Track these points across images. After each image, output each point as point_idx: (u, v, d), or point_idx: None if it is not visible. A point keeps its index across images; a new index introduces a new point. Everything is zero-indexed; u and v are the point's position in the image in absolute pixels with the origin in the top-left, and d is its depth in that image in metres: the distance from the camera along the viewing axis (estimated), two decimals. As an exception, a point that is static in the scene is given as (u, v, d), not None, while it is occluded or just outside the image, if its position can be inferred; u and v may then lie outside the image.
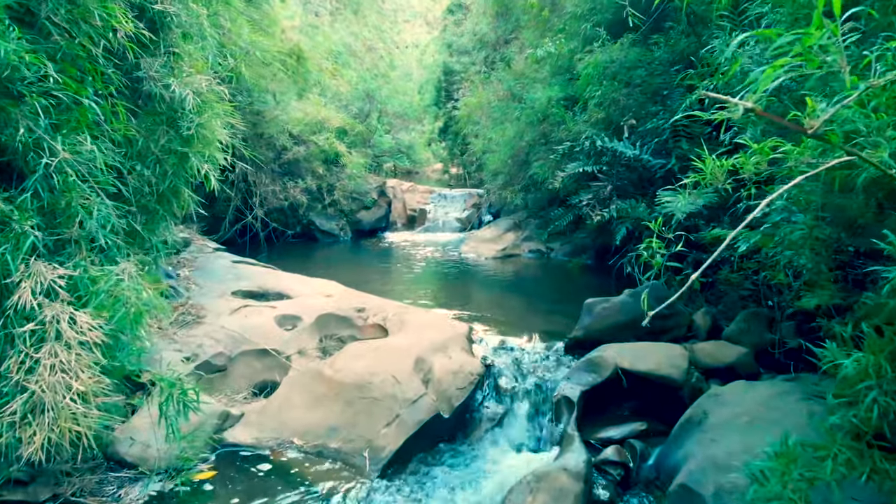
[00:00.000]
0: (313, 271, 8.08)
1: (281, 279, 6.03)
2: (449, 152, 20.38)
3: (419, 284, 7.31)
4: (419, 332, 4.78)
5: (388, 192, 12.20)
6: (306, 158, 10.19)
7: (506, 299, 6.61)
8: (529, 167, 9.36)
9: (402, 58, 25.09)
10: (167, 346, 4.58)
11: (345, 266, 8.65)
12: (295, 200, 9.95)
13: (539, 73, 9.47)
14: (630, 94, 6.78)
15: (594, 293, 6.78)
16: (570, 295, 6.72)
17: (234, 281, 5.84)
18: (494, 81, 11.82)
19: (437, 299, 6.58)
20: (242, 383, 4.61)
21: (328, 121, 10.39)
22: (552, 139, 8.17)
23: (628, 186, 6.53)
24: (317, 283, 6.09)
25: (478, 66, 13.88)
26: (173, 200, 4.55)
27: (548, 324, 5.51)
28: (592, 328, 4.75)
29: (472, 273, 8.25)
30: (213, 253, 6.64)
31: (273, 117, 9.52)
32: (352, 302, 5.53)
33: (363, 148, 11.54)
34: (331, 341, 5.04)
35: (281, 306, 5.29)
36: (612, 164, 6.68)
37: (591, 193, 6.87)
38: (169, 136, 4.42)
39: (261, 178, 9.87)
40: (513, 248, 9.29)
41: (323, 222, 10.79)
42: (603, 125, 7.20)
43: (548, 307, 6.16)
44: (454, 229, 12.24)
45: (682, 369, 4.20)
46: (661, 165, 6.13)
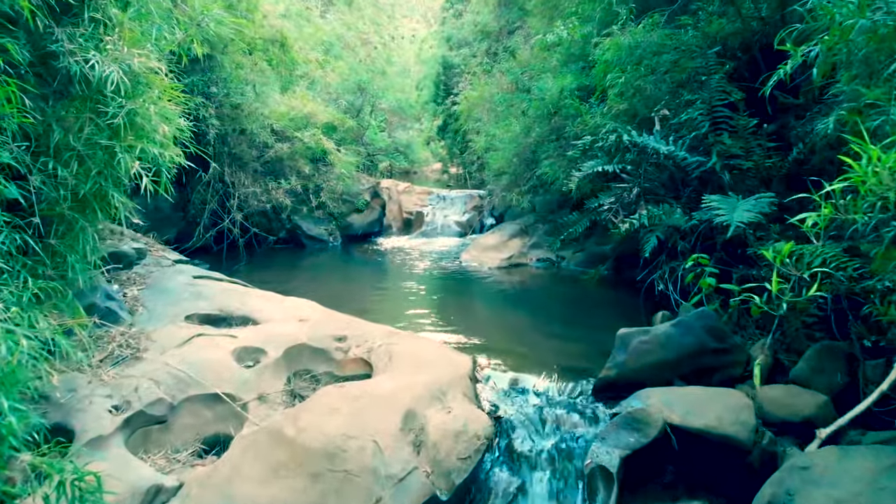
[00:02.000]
0: (295, 283, 7.14)
1: (248, 299, 5.07)
2: (448, 151, 19.44)
3: (414, 300, 6.35)
4: (411, 371, 3.83)
5: (382, 194, 11.24)
6: (290, 157, 9.24)
7: (514, 320, 5.65)
8: (537, 166, 8.42)
9: (400, 52, 24.15)
10: (93, 392, 3.62)
11: (331, 277, 7.69)
12: (278, 203, 8.99)
13: (548, 61, 8.52)
14: (659, 82, 5.83)
15: (618, 313, 5.84)
16: (589, 315, 5.76)
17: (191, 301, 4.87)
18: (497, 73, 10.87)
19: (434, 320, 5.62)
20: (188, 437, 3.65)
21: (315, 115, 9.44)
22: (565, 134, 7.23)
23: (658, 188, 5.59)
24: (291, 303, 5.13)
25: (479, 57, 12.93)
26: (97, 207, 3.60)
27: (567, 354, 4.55)
28: (628, 367, 3.79)
29: (474, 286, 7.30)
30: (171, 267, 5.67)
31: (252, 111, 8.56)
32: (330, 328, 4.57)
33: (355, 145, 10.58)
34: (302, 381, 4.08)
35: (243, 335, 4.33)
36: (638, 162, 5.73)
37: (612, 196, 5.91)
38: (94, 126, 3.49)
39: (240, 178, 8.91)
40: (519, 256, 8.34)
41: (310, 227, 9.83)
42: (626, 117, 6.25)
43: (565, 331, 5.20)
44: (453, 234, 11.28)
45: (748, 427, 3.25)
46: (700, 164, 5.18)
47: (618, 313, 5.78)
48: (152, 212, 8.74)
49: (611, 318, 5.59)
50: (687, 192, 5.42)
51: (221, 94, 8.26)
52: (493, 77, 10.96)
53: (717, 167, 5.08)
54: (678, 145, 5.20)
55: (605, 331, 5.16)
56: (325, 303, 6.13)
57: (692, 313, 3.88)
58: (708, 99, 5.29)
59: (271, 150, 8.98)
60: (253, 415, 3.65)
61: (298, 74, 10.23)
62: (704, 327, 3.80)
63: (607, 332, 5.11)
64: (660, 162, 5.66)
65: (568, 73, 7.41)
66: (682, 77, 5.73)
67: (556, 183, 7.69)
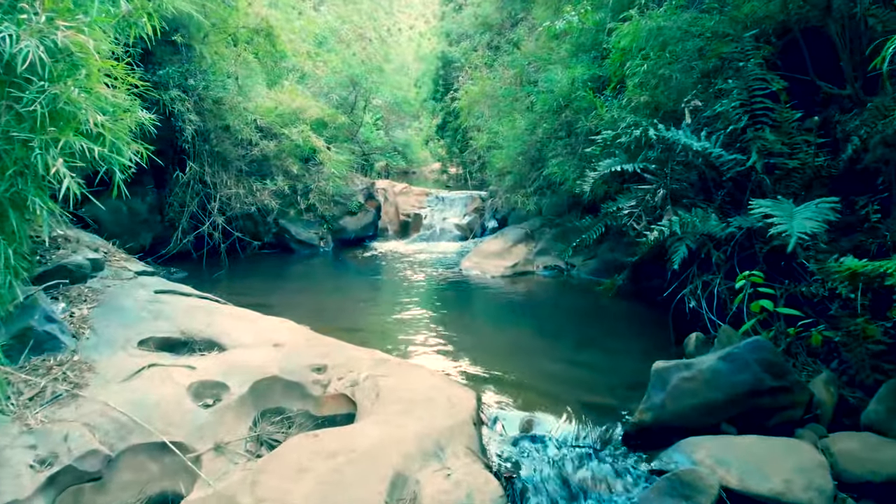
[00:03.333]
0: (277, 296, 6.45)
1: (216, 319, 4.38)
2: (447, 150, 18.77)
3: (409, 316, 5.67)
4: (402, 413, 3.15)
5: (376, 195, 10.55)
6: (277, 155, 8.55)
7: (523, 341, 4.97)
8: (544, 165, 7.75)
9: (398, 49, 23.49)
10: (14, 442, 2.94)
11: (318, 288, 7.01)
12: (263, 205, 8.30)
13: (557, 52, 7.84)
14: (686, 70, 5.15)
15: (640, 332, 5.16)
16: (608, 334, 5.08)
17: (148, 322, 4.19)
18: (500, 67, 10.19)
19: (432, 340, 4.94)
20: (127, 498, 2.97)
21: (304, 111, 8.75)
22: (577, 130, 6.55)
23: (687, 191, 4.90)
24: (265, 323, 4.45)
25: (480, 51, 12.25)
26: (11, 215, 2.92)
27: (588, 387, 3.87)
28: (668, 410, 3.11)
29: (476, 298, 6.62)
30: (132, 279, 4.98)
31: (234, 105, 7.87)
32: (309, 355, 3.88)
33: (348, 144, 9.89)
34: (271, 423, 3.40)
35: (204, 365, 3.64)
36: (663, 160, 5.05)
37: (633, 199, 5.23)
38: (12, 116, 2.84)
39: (222, 178, 8.22)
40: (524, 263, 7.66)
41: (299, 231, 9.14)
42: (647, 111, 5.57)
43: (582, 355, 4.52)
44: (453, 238, 10.60)
45: (825, 493, 2.58)
46: (737, 163, 4.50)
47: (640, 332, 5.11)
48: (126, 215, 8.07)
49: (633, 339, 4.91)
50: (721, 194, 4.73)
51: (200, 86, 7.57)
52: (496, 71, 10.28)
53: (757, 167, 4.40)
54: (712, 141, 4.52)
55: (628, 355, 4.50)
56: (309, 319, 5.46)
57: (744, 344, 3.20)
58: (745, 88, 4.61)
59: (256, 148, 8.29)
60: (207, 470, 2.96)
61: (286, 67, 9.54)
62: (760, 361, 3.12)
63: (631, 358, 4.45)
64: (688, 160, 4.98)
65: (579, 64, 6.72)
66: (712, 64, 5.06)
67: (567, 184, 7.02)
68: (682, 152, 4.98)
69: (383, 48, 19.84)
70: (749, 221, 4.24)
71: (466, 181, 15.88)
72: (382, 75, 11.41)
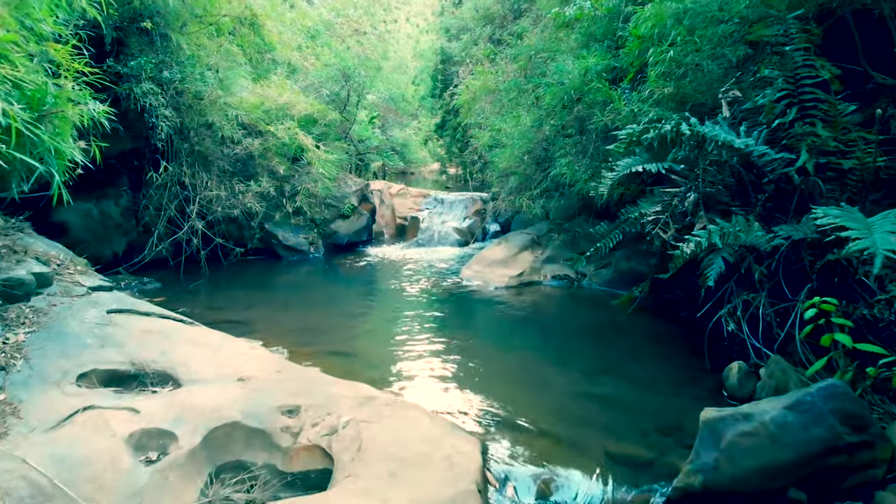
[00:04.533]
0: (257, 310, 5.81)
1: (174, 345, 3.74)
2: (447, 150, 18.14)
3: (402, 336, 5.03)
4: (388, 478, 2.51)
5: (371, 197, 9.90)
6: (263, 155, 7.90)
7: (533, 368, 4.32)
8: (552, 165, 7.11)
9: (396, 46, 22.84)
10: None
11: (304, 300, 6.36)
12: (246, 208, 7.65)
13: (565, 42, 7.20)
14: (718, 57, 4.52)
15: (667, 355, 4.50)
16: (632, 359, 4.44)
17: (94, 350, 3.55)
18: (503, 60, 9.55)
19: (427, 366, 4.30)
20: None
21: (292, 107, 8.11)
22: (591, 126, 5.92)
23: (722, 195, 4.26)
24: (232, 349, 3.81)
25: (481, 44, 11.60)
26: None
27: (616, 431, 3.23)
28: (723, 472, 2.47)
29: (478, 313, 5.97)
30: (84, 296, 4.33)
31: (214, 99, 7.22)
32: (279, 393, 3.25)
33: (339, 142, 9.25)
34: (227, 485, 2.75)
35: (150, 408, 3.00)
36: (692, 160, 4.41)
37: (659, 204, 4.60)
38: None
39: (202, 179, 7.57)
40: (531, 272, 7.02)
41: (287, 235, 8.49)
42: (672, 103, 4.94)
43: (605, 387, 3.88)
44: (453, 243, 9.96)
45: None
46: (785, 162, 3.87)
47: (666, 355, 4.47)
48: (97, 220, 7.42)
49: (660, 364, 4.27)
50: (762, 199, 4.10)
51: (177, 79, 6.92)
52: (498, 65, 9.63)
53: (808, 167, 3.76)
54: (753, 137, 3.88)
55: (656, 387, 3.85)
56: (290, 339, 4.82)
57: (817, 390, 2.56)
58: (791, 77, 3.98)
59: (239, 146, 7.64)
60: (139, 555, 2.32)
61: (273, 59, 8.90)
62: (837, 412, 2.49)
63: (660, 390, 3.81)
64: (722, 160, 4.34)
65: (592, 54, 6.08)
66: (744, 51, 4.43)
67: (577, 185, 6.39)
68: (714, 151, 4.35)
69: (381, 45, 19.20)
70: (801, 231, 3.61)
71: (466, 182, 15.25)
72: (377, 70, 10.73)
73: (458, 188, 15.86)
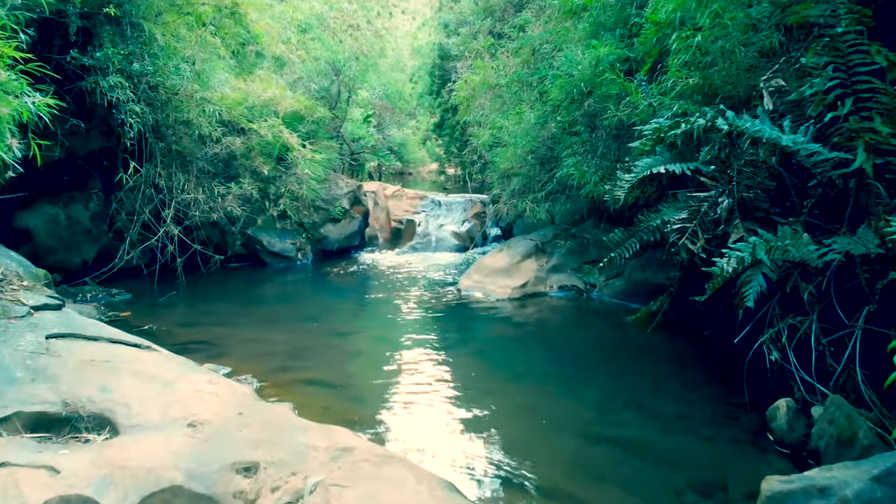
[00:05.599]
0: (233, 328, 5.24)
1: (119, 379, 3.16)
2: (445, 149, 17.57)
3: (391, 361, 4.45)
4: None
5: (364, 200, 9.32)
6: (245, 154, 7.31)
7: (542, 400, 3.74)
8: (558, 165, 6.55)
9: (394, 44, 22.25)
10: None
11: (286, 314, 5.78)
12: (225, 212, 7.06)
13: (572, 33, 6.62)
14: (753, 42, 3.95)
15: (695, 384, 3.87)
16: (654, 388, 3.87)
17: (22, 387, 2.97)
18: (504, 54, 8.97)
19: (419, 401, 3.72)
20: None
21: (278, 102, 7.53)
22: (604, 121, 5.35)
23: (760, 200, 3.68)
24: (188, 384, 3.22)
25: (481, 38, 11.03)
26: None
27: (643, 490, 2.65)
28: (798, 570, 1.90)
29: (478, 330, 5.39)
30: (24, 317, 3.75)
31: (191, 94, 6.64)
32: (237, 443, 2.67)
33: (330, 140, 8.66)
34: (159, 575, 2.17)
35: (73, 467, 2.42)
36: (725, 160, 3.84)
37: (684, 210, 4.02)
38: None
39: (179, 181, 6.99)
40: (535, 283, 6.44)
41: (272, 241, 7.91)
42: (698, 95, 4.37)
43: (627, 428, 3.30)
44: (450, 248, 9.39)
45: None
46: (835, 163, 3.29)
47: (694, 384, 3.89)
48: (64, 225, 6.82)
49: (688, 396, 3.70)
50: (807, 206, 3.52)
51: (149, 72, 6.34)
52: (499, 59, 9.06)
53: (866, 168, 3.19)
54: (802, 134, 3.31)
55: (686, 425, 3.28)
56: (264, 363, 4.23)
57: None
58: (843, 63, 3.40)
59: (217, 145, 7.05)
60: None
61: (255, 51, 8.31)
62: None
63: (693, 431, 3.23)
64: (758, 160, 3.76)
65: (603, 43, 5.51)
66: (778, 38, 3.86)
67: (587, 187, 5.82)
68: (749, 149, 3.78)
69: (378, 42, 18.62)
70: (862, 245, 3.04)
71: (466, 183, 14.69)
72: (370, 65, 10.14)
73: (456, 189, 15.30)
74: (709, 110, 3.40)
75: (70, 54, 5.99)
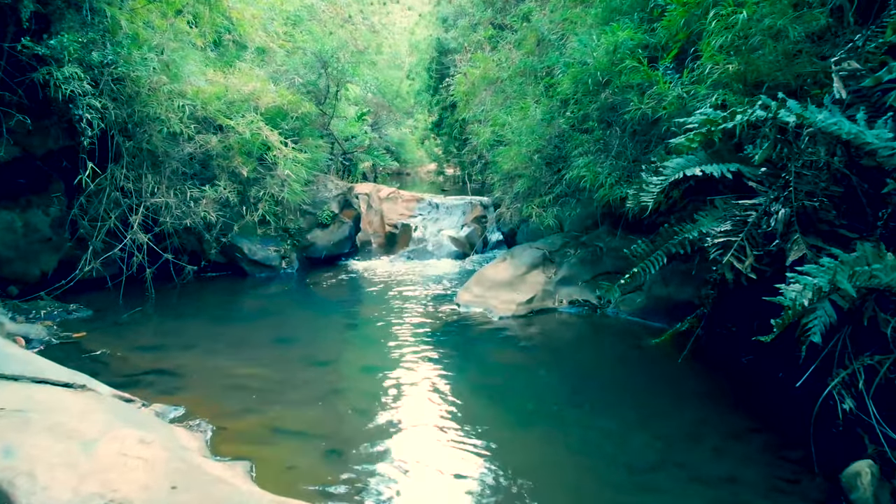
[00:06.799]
0: (199, 347, 4.58)
1: (35, 432, 2.51)
2: (444, 149, 16.89)
3: (375, 400, 3.79)
4: None
5: (355, 203, 8.66)
6: (223, 154, 6.65)
7: (557, 460, 3.08)
8: (566, 166, 5.89)
9: (392, 40, 21.60)
10: None
11: (261, 334, 5.12)
12: (201, 218, 6.40)
13: (582, 20, 5.95)
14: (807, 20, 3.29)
15: (741, 433, 3.23)
16: (692, 435, 3.21)
17: None
18: (506, 46, 8.31)
19: (405, 458, 3.06)
20: None
21: (259, 97, 6.87)
22: (625, 116, 4.68)
23: (825, 209, 3.02)
24: (115, 443, 2.56)
25: (481, 30, 10.36)
26: None
27: None
28: None
29: (479, 357, 4.72)
30: (-73, 351, 3.11)
31: (158, 87, 5.98)
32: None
33: (318, 139, 8.00)
34: None
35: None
36: (778, 162, 3.18)
37: (727, 221, 3.36)
38: None
39: (148, 183, 6.33)
40: (543, 297, 5.78)
41: (254, 248, 7.25)
42: (738, 84, 3.71)
43: (665, 499, 2.64)
44: (449, 255, 8.73)
45: None
46: (927, 164, 2.64)
47: (740, 432, 3.23)
48: (21, 233, 6.13)
49: (737, 452, 3.03)
50: (883, 216, 2.87)
51: (111, 63, 5.68)
52: (501, 52, 8.39)
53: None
54: (887, 128, 2.65)
55: (741, 495, 2.61)
56: (225, 403, 3.54)
57: None
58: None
59: (190, 144, 6.38)
60: None
61: (233, 39, 7.65)
62: None
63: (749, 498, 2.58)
64: (821, 161, 3.10)
65: (621, 27, 4.84)
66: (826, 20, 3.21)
67: (601, 190, 5.17)
68: (809, 147, 3.12)
69: (375, 38, 17.97)
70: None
71: (465, 184, 14.03)
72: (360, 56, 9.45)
73: (455, 190, 14.65)
74: (768, 100, 2.74)
75: (21, 42, 5.34)
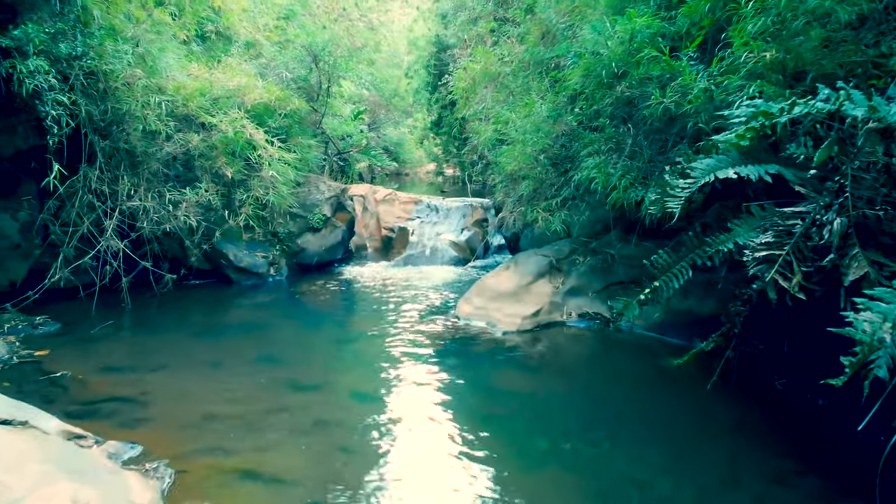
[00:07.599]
0: (170, 368, 4.13)
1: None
2: (444, 149, 16.43)
3: (362, 436, 3.34)
4: None
5: (349, 206, 8.21)
6: (206, 154, 6.19)
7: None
8: (575, 167, 5.45)
9: (390, 36, 21.14)
10: None
11: (238, 353, 4.66)
12: (183, 222, 5.94)
13: (593, 8, 5.49)
14: None
15: (786, 474, 2.71)
16: (731, 486, 2.75)
17: None
18: (508, 41, 7.87)
19: None
20: None
21: (245, 93, 6.42)
22: (644, 112, 4.23)
23: (890, 220, 2.57)
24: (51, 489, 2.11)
25: (481, 23, 9.90)
26: None
27: None
28: None
29: (481, 380, 4.26)
30: None
31: (134, 82, 5.53)
32: None
33: (310, 138, 7.54)
34: None
35: None
36: (831, 164, 2.73)
37: (769, 231, 2.91)
38: None
39: (124, 186, 5.87)
40: (550, 309, 5.33)
41: (239, 255, 6.80)
42: (777, 74, 3.25)
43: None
44: (448, 260, 8.28)
45: None
46: None
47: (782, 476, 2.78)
48: (-13, 238, 5.75)
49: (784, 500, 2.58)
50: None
51: (79, 54, 5.23)
52: (502, 46, 7.94)
53: None
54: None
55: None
56: (189, 439, 3.07)
57: None
58: None
59: (169, 143, 5.93)
60: None
61: (215, 30, 7.20)
62: None
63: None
64: (879, 163, 2.66)
65: (639, 14, 4.39)
66: None
67: (613, 194, 4.72)
68: (866, 147, 2.67)
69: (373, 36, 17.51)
70: None
71: (465, 185, 13.58)
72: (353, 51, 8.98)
73: (455, 192, 14.21)
74: (828, 90, 2.29)
75: (-11, 32, 4.90)
